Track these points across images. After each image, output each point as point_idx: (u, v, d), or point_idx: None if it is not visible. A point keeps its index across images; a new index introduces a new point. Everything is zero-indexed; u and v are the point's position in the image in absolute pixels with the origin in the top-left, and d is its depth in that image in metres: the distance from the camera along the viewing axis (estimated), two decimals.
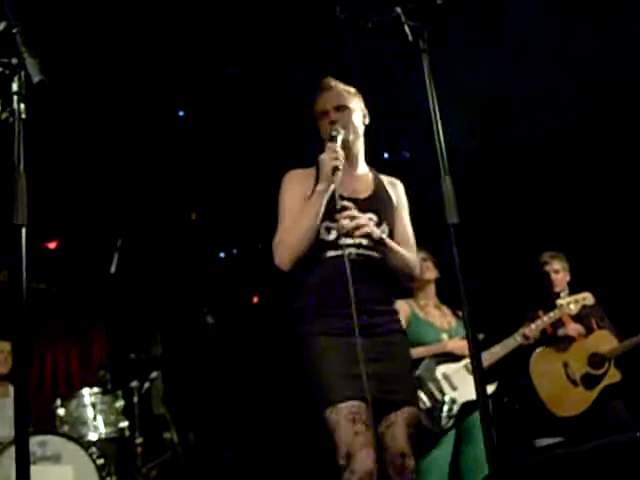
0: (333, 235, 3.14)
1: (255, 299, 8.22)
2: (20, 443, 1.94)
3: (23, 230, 1.99)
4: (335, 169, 3.03)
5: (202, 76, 6.15)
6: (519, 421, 5.62)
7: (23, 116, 2.12)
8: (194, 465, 6.32)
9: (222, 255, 8.01)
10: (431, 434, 4.47)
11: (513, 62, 5.63)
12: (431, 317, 4.81)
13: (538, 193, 6.56)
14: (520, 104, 6.08)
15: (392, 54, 4.95)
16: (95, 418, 5.29)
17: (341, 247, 3.05)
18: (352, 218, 3.06)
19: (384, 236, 3.13)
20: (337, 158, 3.05)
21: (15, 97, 2.13)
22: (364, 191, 3.26)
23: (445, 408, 4.49)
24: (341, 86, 3.38)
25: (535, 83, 5.89)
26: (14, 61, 2.15)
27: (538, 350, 5.10)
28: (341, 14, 3.30)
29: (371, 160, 3.37)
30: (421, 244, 4.98)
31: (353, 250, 3.11)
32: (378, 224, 3.19)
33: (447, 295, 4.82)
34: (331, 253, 3.13)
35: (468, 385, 4.48)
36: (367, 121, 3.35)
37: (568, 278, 5.29)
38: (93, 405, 5.32)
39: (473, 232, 3.16)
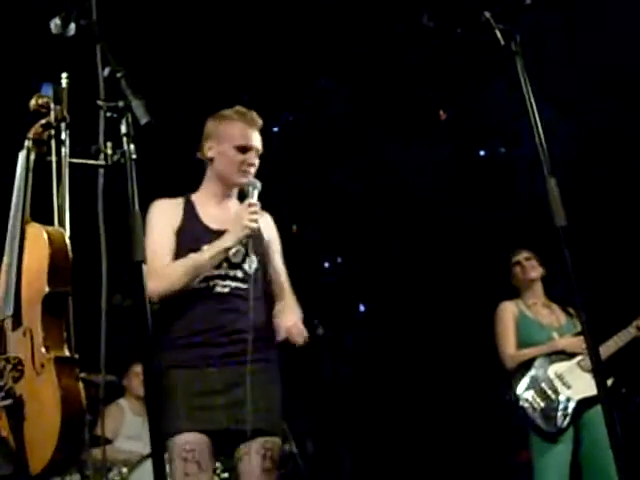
0: None
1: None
2: (157, 461, 2.01)
3: (144, 266, 2.07)
4: (252, 231, 2.98)
5: (292, 91, 6.23)
6: None
7: (133, 156, 2.19)
8: (315, 476, 6.37)
9: (327, 265, 8.08)
10: (547, 434, 4.42)
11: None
12: (540, 316, 4.76)
13: None
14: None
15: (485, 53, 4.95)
16: None
17: (207, 280, 3.00)
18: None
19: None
20: (256, 220, 2.99)
21: (124, 139, 2.21)
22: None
23: (560, 407, 4.44)
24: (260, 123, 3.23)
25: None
26: (120, 104, 2.22)
27: None
28: (429, 22, 3.31)
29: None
30: (524, 243, 5.01)
31: (220, 282, 3.03)
32: (245, 254, 3.07)
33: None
34: (201, 284, 3.02)
35: (582, 382, 4.44)
36: None
37: None
38: None
39: (581, 226, 3.12)
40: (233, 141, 3.14)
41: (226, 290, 3.03)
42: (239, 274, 3.05)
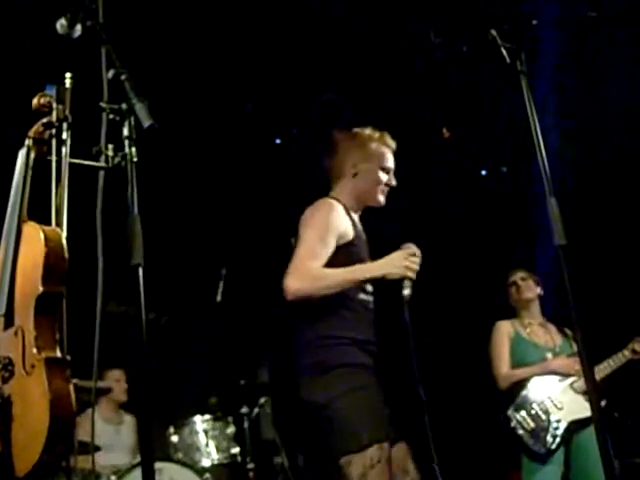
0: None
1: None
2: (146, 470, 1.99)
3: (140, 270, 2.06)
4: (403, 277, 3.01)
5: (297, 103, 6.23)
6: (632, 437, 5.47)
7: (135, 159, 2.18)
8: None
9: None
10: (536, 455, 4.42)
11: None
12: (535, 336, 4.78)
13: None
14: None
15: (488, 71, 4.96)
16: (208, 444, 5.34)
17: (365, 291, 3.17)
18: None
19: None
20: (413, 270, 3.02)
21: (126, 142, 2.20)
22: None
23: (550, 428, 4.44)
24: None
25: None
26: (124, 107, 2.22)
27: None
28: (435, 39, 3.30)
29: None
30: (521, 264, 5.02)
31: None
32: None
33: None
34: (361, 296, 3.18)
35: (574, 404, 4.46)
36: None
37: None
38: (205, 432, 5.38)
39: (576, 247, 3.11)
40: (380, 162, 3.28)
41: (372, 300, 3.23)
42: (369, 287, 3.20)
